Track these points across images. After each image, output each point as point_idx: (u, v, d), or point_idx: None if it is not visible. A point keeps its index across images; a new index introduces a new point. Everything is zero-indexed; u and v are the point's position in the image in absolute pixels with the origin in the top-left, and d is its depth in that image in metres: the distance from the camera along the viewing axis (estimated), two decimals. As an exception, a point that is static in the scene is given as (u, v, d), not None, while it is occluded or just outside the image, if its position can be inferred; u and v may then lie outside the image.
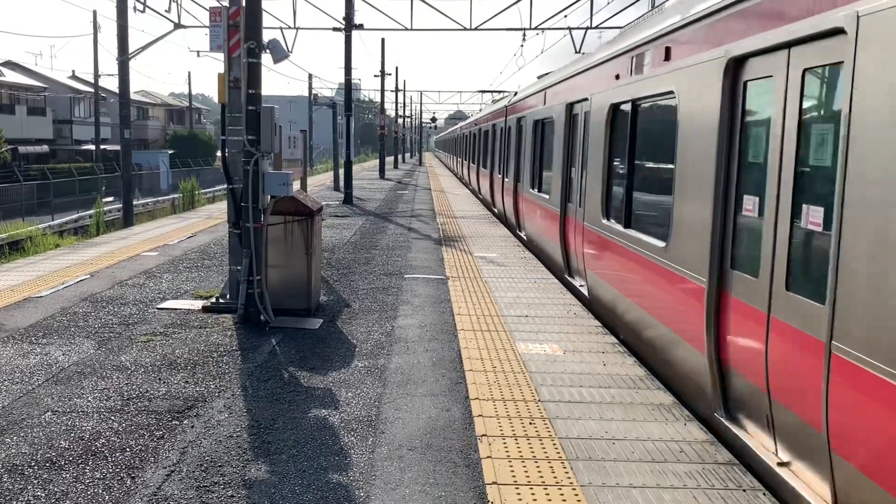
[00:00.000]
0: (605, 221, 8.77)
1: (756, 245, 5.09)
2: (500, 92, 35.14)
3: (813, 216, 4.44)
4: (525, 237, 15.65)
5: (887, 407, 3.59)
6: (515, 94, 19.00)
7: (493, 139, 22.28)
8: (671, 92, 6.68)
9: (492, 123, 22.92)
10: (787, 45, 4.71)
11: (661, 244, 6.78)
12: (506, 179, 18.70)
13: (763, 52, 5.03)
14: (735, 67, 5.47)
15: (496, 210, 21.45)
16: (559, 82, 12.21)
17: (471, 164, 32.12)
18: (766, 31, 4.92)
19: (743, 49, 5.25)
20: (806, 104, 4.59)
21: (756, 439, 5.15)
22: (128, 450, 5.06)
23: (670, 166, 6.70)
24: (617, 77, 8.45)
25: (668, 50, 6.81)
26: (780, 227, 4.75)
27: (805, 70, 4.56)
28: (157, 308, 9.15)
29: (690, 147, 6.20)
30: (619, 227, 8.17)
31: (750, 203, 5.26)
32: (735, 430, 5.35)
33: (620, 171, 8.48)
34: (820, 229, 4.36)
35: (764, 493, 4.49)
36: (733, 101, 5.53)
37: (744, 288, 5.24)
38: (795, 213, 4.61)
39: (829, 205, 4.24)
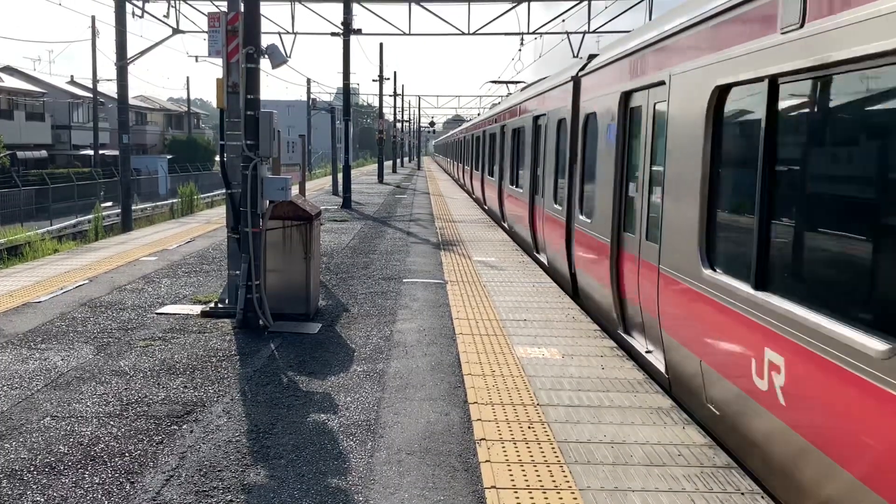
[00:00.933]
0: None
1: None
2: (512, 83, 32.07)
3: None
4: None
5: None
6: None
7: (520, 140, 16.82)
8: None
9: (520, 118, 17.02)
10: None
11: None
12: (541, 202, 13.71)
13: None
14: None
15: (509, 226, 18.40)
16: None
17: (473, 171, 29.71)
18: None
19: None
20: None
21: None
22: (127, 455, 5.06)
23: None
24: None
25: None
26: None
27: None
28: (156, 313, 9.15)
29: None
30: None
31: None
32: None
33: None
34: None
35: (762, 497, 4.50)
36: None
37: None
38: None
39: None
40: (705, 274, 5.71)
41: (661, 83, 6.98)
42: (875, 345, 3.59)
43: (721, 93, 5.71)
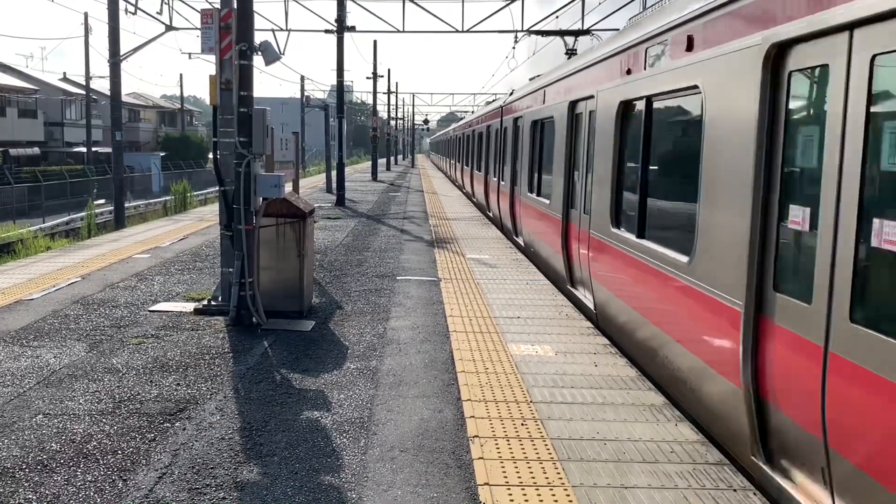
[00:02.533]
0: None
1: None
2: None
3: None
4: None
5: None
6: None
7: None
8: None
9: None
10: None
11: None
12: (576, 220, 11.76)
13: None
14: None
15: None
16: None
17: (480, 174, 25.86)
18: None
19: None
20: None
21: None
22: (119, 452, 5.05)
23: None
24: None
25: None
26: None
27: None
28: (149, 310, 9.13)
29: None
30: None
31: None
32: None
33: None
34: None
35: (754, 493, 4.52)
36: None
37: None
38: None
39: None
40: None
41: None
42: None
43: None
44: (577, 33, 23.32)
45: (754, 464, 4.92)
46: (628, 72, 7.78)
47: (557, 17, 25.26)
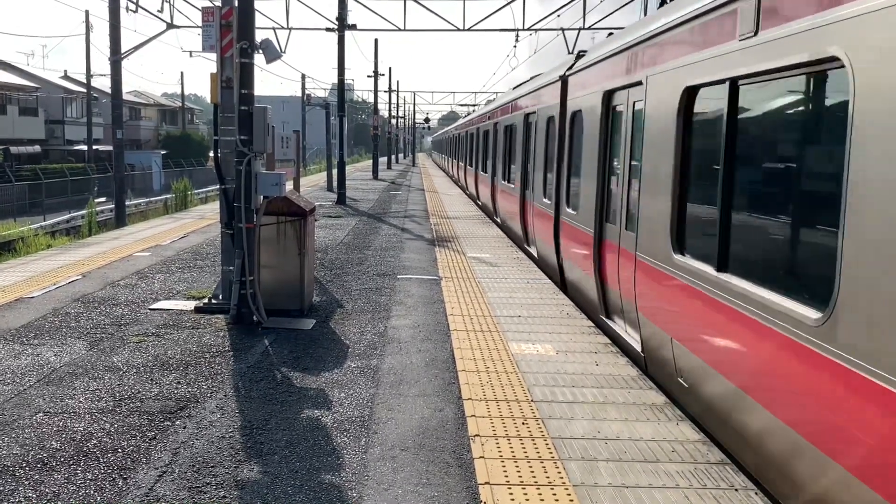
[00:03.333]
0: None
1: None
2: None
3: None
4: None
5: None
6: None
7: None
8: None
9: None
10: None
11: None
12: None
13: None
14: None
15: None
16: None
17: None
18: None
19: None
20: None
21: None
22: (120, 451, 5.04)
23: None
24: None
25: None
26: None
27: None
28: (150, 309, 9.13)
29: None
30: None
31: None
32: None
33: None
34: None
35: (756, 493, 4.51)
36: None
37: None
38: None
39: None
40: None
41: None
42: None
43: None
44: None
45: None
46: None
47: (559, 15, 25.24)
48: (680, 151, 6.40)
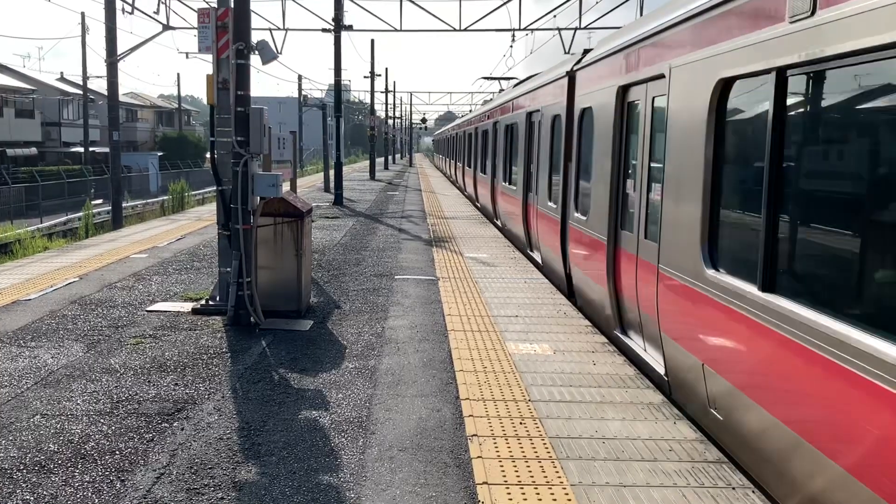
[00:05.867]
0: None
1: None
2: None
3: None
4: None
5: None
6: None
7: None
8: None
9: None
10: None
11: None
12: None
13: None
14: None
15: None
16: None
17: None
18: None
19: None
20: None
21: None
22: (117, 453, 5.04)
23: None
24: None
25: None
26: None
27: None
28: (147, 310, 9.12)
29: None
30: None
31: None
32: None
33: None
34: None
35: (753, 491, 4.51)
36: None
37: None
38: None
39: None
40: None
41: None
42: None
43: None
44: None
45: None
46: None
47: (555, 15, 25.26)
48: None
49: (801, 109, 4.67)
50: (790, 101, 4.69)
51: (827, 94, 4.44)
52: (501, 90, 24.33)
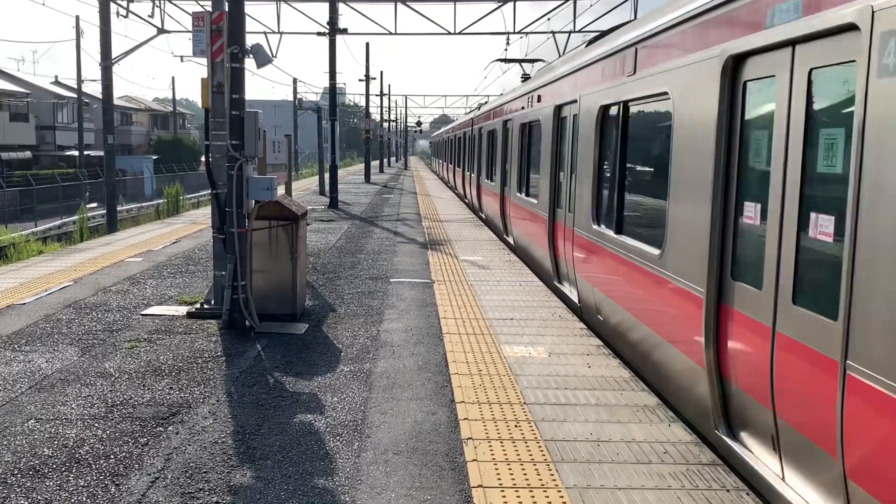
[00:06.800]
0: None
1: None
2: None
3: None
4: None
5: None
6: None
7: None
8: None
9: None
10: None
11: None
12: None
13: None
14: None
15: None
16: None
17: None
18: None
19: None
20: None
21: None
22: (112, 457, 5.03)
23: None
24: None
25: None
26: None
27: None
28: (142, 314, 9.11)
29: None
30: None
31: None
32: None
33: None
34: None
35: (748, 493, 4.53)
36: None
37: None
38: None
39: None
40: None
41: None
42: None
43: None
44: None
45: None
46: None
47: (549, 19, 25.32)
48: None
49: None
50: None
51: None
52: (525, 75, 22.78)
